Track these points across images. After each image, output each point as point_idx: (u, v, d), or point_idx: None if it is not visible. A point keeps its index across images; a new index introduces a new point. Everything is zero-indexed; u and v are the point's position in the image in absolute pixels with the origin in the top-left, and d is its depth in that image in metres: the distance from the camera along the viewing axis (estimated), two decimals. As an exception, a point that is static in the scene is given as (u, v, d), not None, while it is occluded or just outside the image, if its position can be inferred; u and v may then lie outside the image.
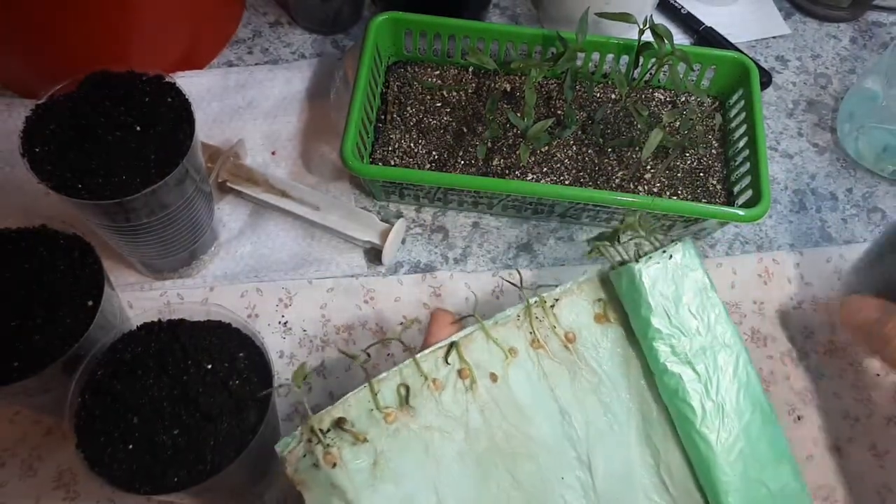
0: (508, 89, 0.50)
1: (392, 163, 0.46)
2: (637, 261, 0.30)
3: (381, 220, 0.46)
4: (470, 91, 0.50)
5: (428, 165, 0.46)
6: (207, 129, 0.49)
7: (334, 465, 0.28)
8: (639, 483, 0.30)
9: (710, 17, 0.58)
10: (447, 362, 0.30)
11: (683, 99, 0.51)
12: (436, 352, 0.30)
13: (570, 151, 0.47)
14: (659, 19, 0.58)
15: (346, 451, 0.28)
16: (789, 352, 0.44)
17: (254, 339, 0.33)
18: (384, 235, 0.45)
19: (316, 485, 0.28)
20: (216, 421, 0.31)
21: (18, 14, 0.43)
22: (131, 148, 0.35)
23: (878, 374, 0.44)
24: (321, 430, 0.28)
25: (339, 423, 0.28)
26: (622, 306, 0.32)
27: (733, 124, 0.48)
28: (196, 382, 0.32)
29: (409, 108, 0.49)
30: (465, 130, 0.48)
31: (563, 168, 0.47)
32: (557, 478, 0.29)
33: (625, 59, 0.49)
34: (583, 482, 0.30)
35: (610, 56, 0.49)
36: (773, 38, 0.59)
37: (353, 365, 0.42)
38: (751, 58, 0.48)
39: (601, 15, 0.46)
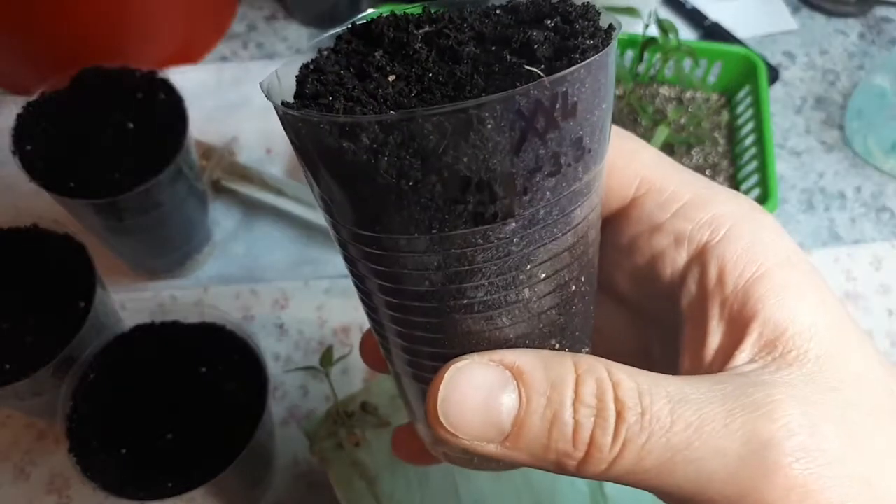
0: (510, 85, 0.49)
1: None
2: None
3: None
4: (471, 87, 0.49)
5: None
6: (201, 126, 0.48)
7: (357, 444, 0.30)
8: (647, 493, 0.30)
9: (715, 11, 0.57)
10: None
11: (689, 95, 0.50)
12: None
13: (572, 149, 0.47)
14: (664, 14, 0.57)
15: (369, 432, 0.30)
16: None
17: (248, 341, 0.32)
18: (383, 235, 0.44)
19: (339, 463, 0.30)
20: (210, 426, 0.30)
21: (10, 8, 0.42)
22: (124, 146, 0.34)
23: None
24: (346, 412, 0.31)
25: (363, 408, 0.31)
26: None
27: (740, 121, 0.47)
28: (190, 386, 0.31)
29: (408, 105, 0.48)
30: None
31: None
32: (568, 482, 0.30)
33: (630, 53, 0.48)
34: (592, 488, 0.30)
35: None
36: (781, 33, 0.58)
37: (350, 368, 0.41)
38: (758, 53, 0.47)
39: (606, 8, 0.45)
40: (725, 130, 0.48)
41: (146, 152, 0.34)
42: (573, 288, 0.15)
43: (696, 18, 0.57)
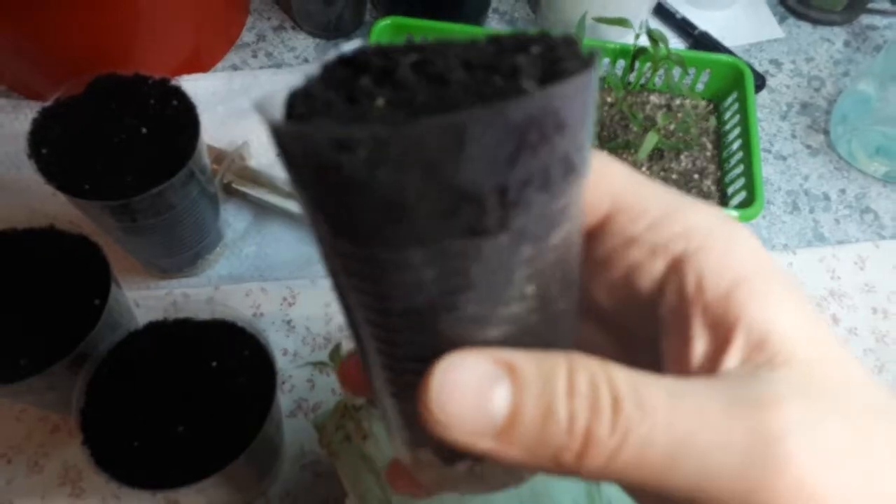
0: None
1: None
2: None
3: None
4: (469, 94, 0.50)
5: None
6: (213, 132, 0.49)
7: (365, 437, 0.30)
8: None
9: (705, 22, 0.59)
10: None
11: (678, 102, 0.51)
12: None
13: (567, 153, 0.48)
14: (654, 24, 0.59)
15: (375, 426, 0.30)
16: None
17: (258, 337, 0.33)
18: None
19: (347, 456, 0.30)
20: (221, 418, 0.31)
21: (26, 17, 0.43)
22: (138, 150, 0.35)
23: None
24: (354, 406, 0.31)
25: (371, 402, 0.31)
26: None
27: (727, 127, 0.49)
28: (201, 380, 0.32)
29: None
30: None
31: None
32: (567, 482, 0.31)
33: (621, 62, 0.50)
34: (590, 487, 0.31)
35: (606, 60, 0.50)
36: (768, 41, 0.59)
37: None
38: (745, 61, 0.49)
39: (598, 19, 0.46)
40: (713, 136, 0.50)
41: (159, 156, 0.35)
42: (560, 306, 0.15)
43: (685, 28, 0.58)
